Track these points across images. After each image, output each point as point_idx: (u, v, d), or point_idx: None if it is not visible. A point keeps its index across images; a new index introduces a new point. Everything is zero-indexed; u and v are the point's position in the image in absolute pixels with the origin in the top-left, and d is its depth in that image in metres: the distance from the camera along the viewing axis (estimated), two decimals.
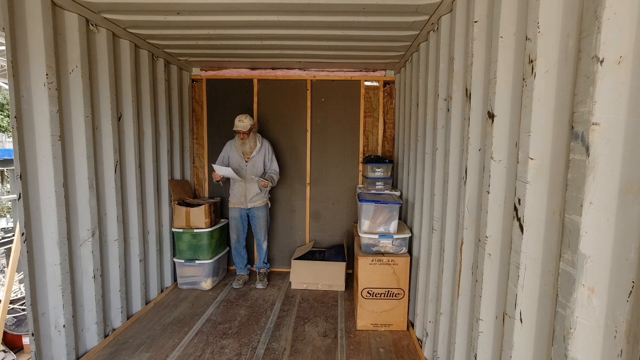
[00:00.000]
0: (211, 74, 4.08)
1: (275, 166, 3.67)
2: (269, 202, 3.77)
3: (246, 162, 3.56)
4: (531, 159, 1.20)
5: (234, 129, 3.44)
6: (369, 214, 2.94)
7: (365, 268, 2.86)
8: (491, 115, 1.51)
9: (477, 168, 1.73)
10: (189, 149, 4.07)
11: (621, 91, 0.88)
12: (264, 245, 3.87)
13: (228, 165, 3.51)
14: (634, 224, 0.87)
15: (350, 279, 3.91)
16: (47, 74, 2.08)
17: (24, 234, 2.03)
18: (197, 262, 3.61)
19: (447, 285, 2.13)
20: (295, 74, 4.03)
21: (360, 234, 2.96)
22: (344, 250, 3.90)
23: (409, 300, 2.93)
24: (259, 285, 3.76)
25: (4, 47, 2.11)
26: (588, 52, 0.92)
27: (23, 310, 3.18)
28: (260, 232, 3.77)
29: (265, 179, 3.49)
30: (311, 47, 3.19)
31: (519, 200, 1.26)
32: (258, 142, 3.58)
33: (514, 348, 1.27)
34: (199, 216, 3.56)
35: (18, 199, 1.99)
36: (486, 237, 1.53)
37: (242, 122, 3.40)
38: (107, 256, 2.73)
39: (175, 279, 3.77)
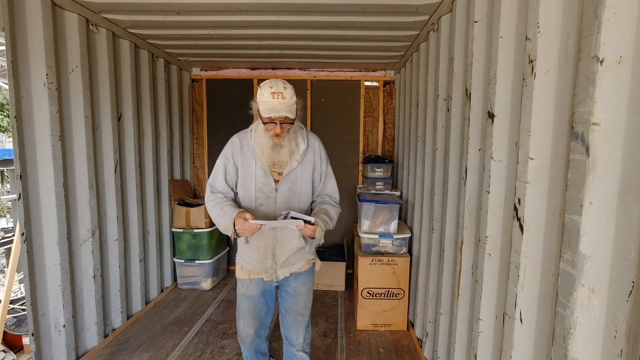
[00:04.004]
0: (211, 74, 4.08)
1: (331, 188, 1.83)
2: (317, 258, 1.88)
3: (276, 183, 1.69)
4: (531, 159, 1.20)
5: (264, 116, 1.57)
6: (369, 214, 2.94)
7: (365, 268, 2.86)
8: (491, 115, 1.51)
9: (477, 168, 1.73)
10: (189, 149, 4.07)
11: (621, 91, 0.88)
12: (304, 356, 1.90)
13: (234, 190, 1.75)
14: (634, 224, 0.87)
15: (350, 279, 3.91)
16: (47, 74, 2.08)
17: (24, 234, 2.03)
18: (197, 262, 3.61)
19: (447, 285, 2.13)
20: (295, 74, 4.03)
21: (360, 234, 2.95)
22: (344, 250, 3.90)
23: (409, 300, 2.93)
24: None
25: (4, 47, 2.11)
26: (588, 52, 0.92)
27: (23, 310, 3.18)
28: (298, 325, 1.85)
29: (313, 222, 1.57)
30: (311, 47, 3.19)
31: (519, 200, 1.26)
32: (302, 141, 1.72)
33: (514, 348, 1.27)
34: (199, 216, 3.56)
35: (18, 199, 1.99)
36: (486, 237, 1.53)
37: (284, 99, 1.54)
38: (107, 256, 2.73)
39: (175, 279, 3.77)
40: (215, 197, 1.70)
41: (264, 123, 1.59)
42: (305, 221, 1.56)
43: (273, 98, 1.53)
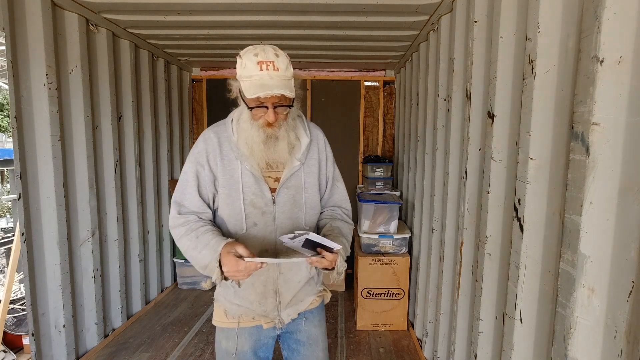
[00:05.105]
0: (211, 74, 4.08)
1: (339, 195, 1.42)
2: (327, 289, 1.45)
3: (273, 193, 1.21)
4: (531, 159, 1.20)
5: (249, 97, 1.06)
6: (369, 214, 2.94)
7: (365, 268, 2.86)
8: (491, 115, 1.51)
9: (477, 168, 1.73)
10: (189, 148, 4.07)
11: (621, 91, 0.87)
12: None
13: (211, 208, 1.25)
14: (634, 224, 0.87)
15: (350, 279, 3.91)
16: (47, 74, 2.08)
17: (24, 234, 2.03)
18: None
19: (447, 285, 2.13)
20: (295, 73, 4.03)
21: (360, 234, 2.95)
22: None
23: (409, 300, 2.93)
24: None
25: (4, 47, 2.10)
26: (588, 52, 0.92)
27: (23, 310, 3.18)
28: None
29: (336, 250, 1.10)
30: (311, 47, 3.19)
31: (519, 200, 1.26)
32: (305, 133, 1.31)
33: (514, 348, 1.27)
34: None
35: (18, 199, 1.99)
36: (486, 237, 1.53)
37: (276, 70, 1.07)
38: (107, 256, 2.73)
39: (175, 279, 3.77)
40: (186, 220, 1.17)
41: (250, 108, 1.11)
42: (325, 248, 1.08)
43: (260, 70, 1.06)
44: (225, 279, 1.08)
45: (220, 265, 1.06)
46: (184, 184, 1.21)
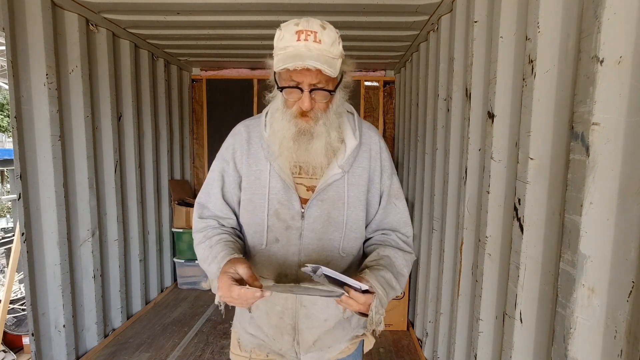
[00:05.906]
0: (211, 74, 4.08)
1: (398, 216, 1.06)
2: (369, 333, 1.11)
3: (304, 205, 0.97)
4: (531, 159, 1.20)
5: (278, 69, 0.86)
6: None
7: None
8: (491, 115, 1.51)
9: (477, 168, 1.73)
10: (189, 149, 4.07)
11: (621, 91, 0.87)
12: None
13: (236, 213, 1.06)
14: (634, 224, 0.87)
15: None
16: (47, 74, 2.08)
17: (24, 234, 2.03)
18: (197, 262, 3.60)
19: (447, 285, 2.13)
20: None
21: None
22: None
23: (409, 300, 2.93)
24: None
25: (4, 47, 2.10)
26: (588, 52, 0.92)
27: (23, 310, 3.18)
28: None
29: (366, 289, 0.80)
30: None
31: (519, 200, 1.26)
32: (350, 133, 1.02)
33: (514, 348, 1.27)
34: None
35: (18, 199, 1.99)
36: (486, 237, 1.52)
37: (317, 42, 0.86)
38: (107, 256, 2.73)
39: (175, 279, 3.77)
40: (205, 225, 1.03)
41: (281, 89, 0.91)
42: (352, 287, 0.81)
43: (298, 40, 0.86)
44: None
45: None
46: (210, 184, 1.06)
